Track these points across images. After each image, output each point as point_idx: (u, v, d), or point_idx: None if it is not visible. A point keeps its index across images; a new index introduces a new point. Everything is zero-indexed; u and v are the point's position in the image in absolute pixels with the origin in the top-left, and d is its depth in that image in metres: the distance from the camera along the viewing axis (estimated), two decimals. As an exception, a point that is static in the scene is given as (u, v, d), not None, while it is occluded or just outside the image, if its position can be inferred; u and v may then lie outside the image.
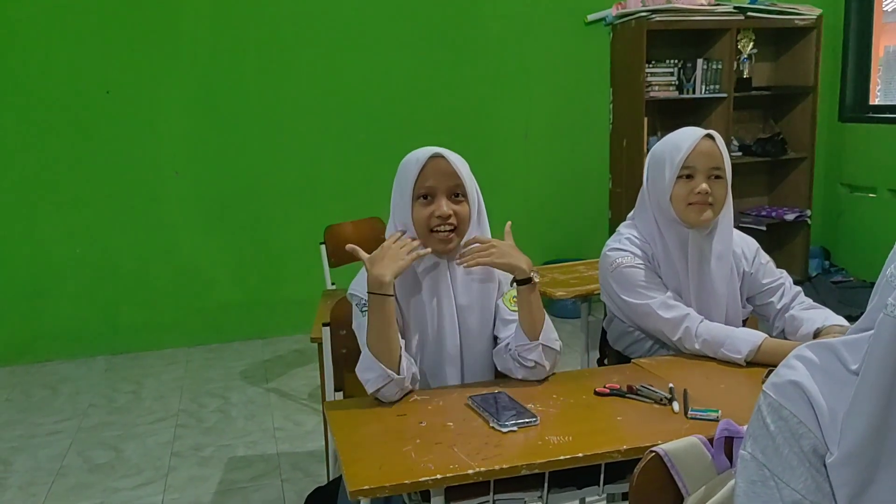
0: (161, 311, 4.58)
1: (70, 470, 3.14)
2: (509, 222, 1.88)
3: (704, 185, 1.93)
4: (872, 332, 0.90)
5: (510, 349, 1.79)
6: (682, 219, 1.98)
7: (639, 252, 2.03)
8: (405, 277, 1.80)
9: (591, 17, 4.68)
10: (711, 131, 1.98)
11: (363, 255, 1.76)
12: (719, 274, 2.01)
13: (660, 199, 2.00)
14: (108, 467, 3.15)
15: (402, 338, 1.77)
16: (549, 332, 1.80)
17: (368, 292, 1.71)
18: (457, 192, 1.79)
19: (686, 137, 1.97)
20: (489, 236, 1.89)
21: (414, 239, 1.78)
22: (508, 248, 1.78)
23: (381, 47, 4.64)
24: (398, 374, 1.69)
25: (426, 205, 1.78)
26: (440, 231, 1.77)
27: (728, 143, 4.39)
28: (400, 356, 1.71)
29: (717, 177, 1.95)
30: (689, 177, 1.95)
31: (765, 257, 2.14)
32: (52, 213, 4.38)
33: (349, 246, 1.80)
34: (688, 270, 2.00)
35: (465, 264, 1.77)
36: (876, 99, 5.11)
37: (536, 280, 1.78)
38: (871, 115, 5.03)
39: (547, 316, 1.81)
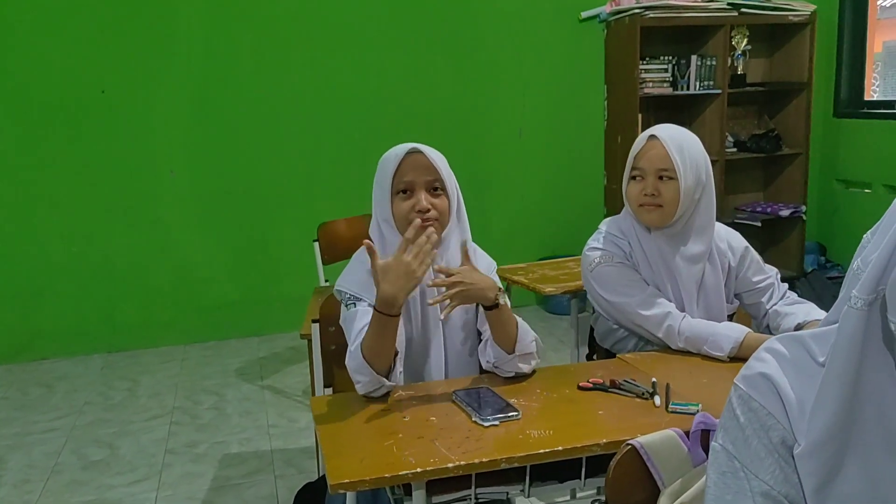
0: (158, 309, 4.60)
1: (64, 467, 3.15)
2: (464, 241, 1.78)
3: (650, 188, 1.95)
4: (838, 324, 0.91)
5: (489, 362, 1.79)
6: (637, 218, 2.02)
7: (617, 250, 2.04)
8: None
9: (584, 15, 4.68)
10: (658, 131, 1.97)
11: (377, 260, 1.65)
12: (690, 274, 2.01)
13: (624, 198, 2.04)
14: (103, 464, 3.17)
15: None
16: (525, 337, 1.77)
17: (375, 309, 1.64)
18: (435, 186, 1.79)
19: (639, 138, 2.00)
20: (468, 232, 1.89)
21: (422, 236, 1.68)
22: (470, 276, 1.69)
23: (376, 45, 4.65)
24: (389, 380, 1.70)
25: (405, 199, 1.79)
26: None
27: (723, 140, 4.40)
28: (392, 363, 1.71)
29: (670, 178, 1.95)
30: (641, 178, 1.98)
31: (754, 254, 2.13)
32: (49, 212, 4.39)
33: (366, 242, 1.68)
34: (659, 269, 2.02)
35: (442, 314, 1.69)
36: (873, 95, 5.11)
37: (503, 302, 1.72)
38: (865, 110, 5.03)
39: (520, 320, 1.78)
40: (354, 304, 1.79)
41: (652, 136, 1.97)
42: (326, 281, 3.52)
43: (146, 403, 3.79)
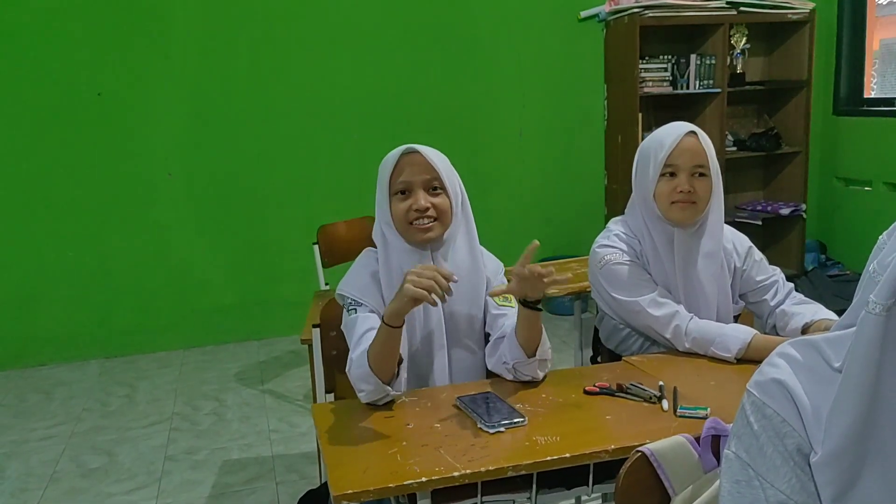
0: (155, 313, 4.57)
1: (63, 475, 3.12)
2: (536, 242, 1.66)
3: (686, 185, 1.91)
4: (855, 329, 0.89)
5: (506, 363, 1.76)
6: (666, 217, 1.96)
7: (627, 248, 2.01)
8: (391, 275, 1.78)
9: (584, 14, 4.66)
10: (695, 128, 1.95)
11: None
12: (707, 272, 1.99)
13: (645, 197, 1.98)
14: (102, 472, 3.14)
15: None
16: (545, 343, 1.76)
17: (382, 320, 1.62)
18: (434, 185, 1.78)
19: (669, 134, 1.94)
20: (475, 230, 1.89)
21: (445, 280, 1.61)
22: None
23: (375, 46, 4.63)
24: (393, 388, 1.67)
25: (404, 199, 1.77)
26: (419, 223, 1.76)
27: (722, 138, 4.38)
28: (396, 371, 1.68)
29: (702, 174, 1.92)
30: (672, 175, 1.93)
31: (758, 254, 2.12)
32: (45, 216, 4.36)
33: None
34: (675, 268, 1.98)
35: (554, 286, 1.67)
36: (872, 92, 5.09)
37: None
38: (865, 108, 5.01)
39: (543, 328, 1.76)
40: (356, 309, 1.77)
41: (691, 133, 1.93)
42: (327, 284, 3.49)
43: (145, 409, 3.76)
